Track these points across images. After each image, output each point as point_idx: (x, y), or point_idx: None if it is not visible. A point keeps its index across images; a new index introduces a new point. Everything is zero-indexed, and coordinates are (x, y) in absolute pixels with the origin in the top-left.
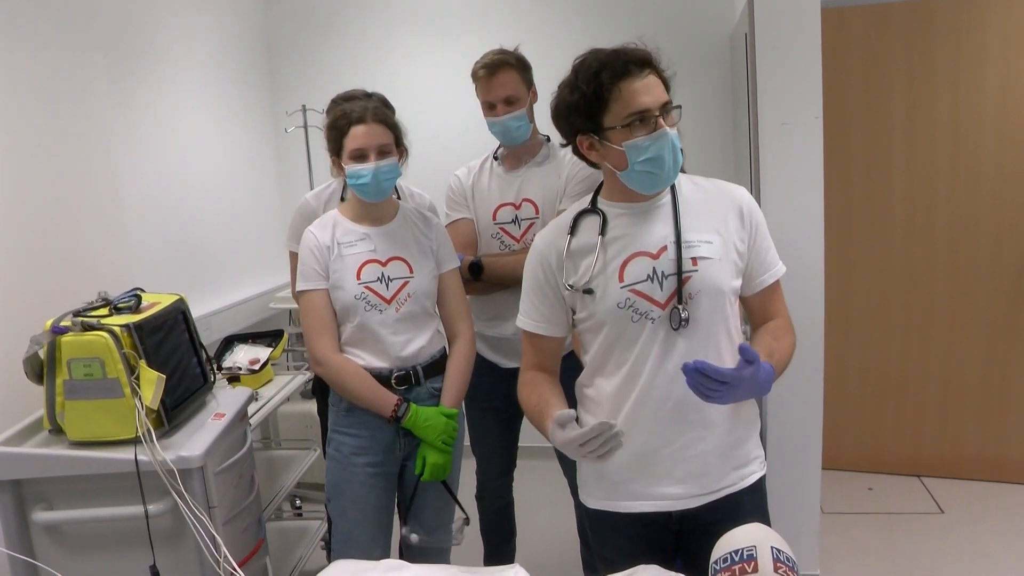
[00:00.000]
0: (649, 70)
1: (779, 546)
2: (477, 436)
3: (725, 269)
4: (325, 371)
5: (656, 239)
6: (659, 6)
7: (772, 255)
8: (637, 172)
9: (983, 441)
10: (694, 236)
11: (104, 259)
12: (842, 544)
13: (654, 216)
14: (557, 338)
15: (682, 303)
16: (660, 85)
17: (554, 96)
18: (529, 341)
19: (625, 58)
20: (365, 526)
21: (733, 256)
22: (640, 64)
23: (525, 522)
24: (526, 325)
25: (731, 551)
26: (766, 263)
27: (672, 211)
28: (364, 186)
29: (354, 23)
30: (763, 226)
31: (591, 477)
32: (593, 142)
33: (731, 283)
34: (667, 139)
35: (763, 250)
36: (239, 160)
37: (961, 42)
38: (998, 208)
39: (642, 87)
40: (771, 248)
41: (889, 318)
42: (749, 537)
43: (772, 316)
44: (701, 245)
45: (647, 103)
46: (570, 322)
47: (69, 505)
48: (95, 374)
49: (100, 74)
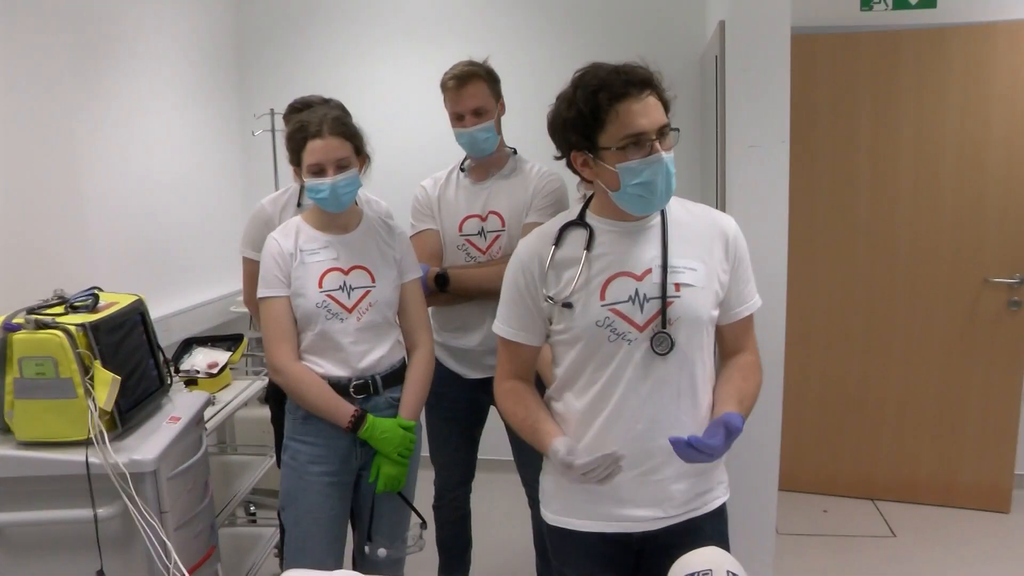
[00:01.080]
0: (649, 91)
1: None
2: (437, 446)
3: (706, 298)
4: (283, 380)
5: (642, 261)
6: (630, 25)
7: (751, 288)
8: (629, 194)
9: (936, 466)
10: (680, 262)
11: (63, 256)
12: (796, 565)
13: (642, 237)
14: (533, 347)
15: (666, 327)
16: (659, 107)
17: (551, 108)
18: (505, 348)
19: (625, 78)
20: (319, 536)
21: (715, 286)
22: (640, 85)
23: (481, 534)
24: (503, 332)
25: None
26: (743, 295)
27: (661, 234)
28: (323, 200)
29: (325, 28)
30: (746, 259)
31: (553, 493)
32: (587, 159)
33: (710, 312)
34: (662, 164)
35: (743, 281)
36: (205, 160)
37: (924, 71)
38: (956, 234)
39: (640, 109)
40: (751, 280)
41: (849, 341)
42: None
43: (742, 348)
44: (685, 272)
45: (643, 126)
46: (545, 332)
47: (15, 507)
48: (47, 373)
49: (64, 68)
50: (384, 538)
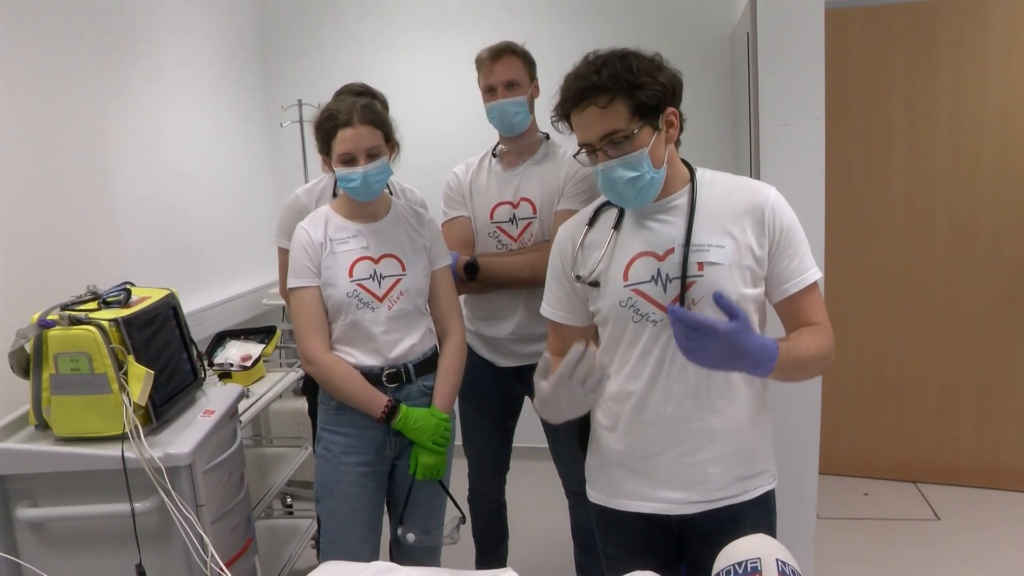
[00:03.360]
0: (588, 102)
1: (784, 559)
2: (470, 437)
3: (734, 276)
4: (315, 370)
5: (664, 240)
6: (658, 6)
7: (800, 261)
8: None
9: (980, 447)
10: (705, 239)
11: (95, 253)
12: (837, 550)
13: (668, 215)
14: (578, 327)
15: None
16: (602, 115)
17: None
18: (552, 329)
19: (567, 90)
20: (355, 526)
21: (748, 262)
22: (577, 97)
23: (518, 525)
24: (547, 313)
25: (735, 563)
26: (791, 271)
27: (688, 212)
28: (355, 189)
29: (350, 17)
30: (789, 231)
31: (595, 472)
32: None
33: (740, 290)
34: (607, 174)
35: (787, 257)
36: (233, 154)
37: (962, 43)
38: (998, 210)
39: (579, 121)
40: (798, 254)
41: (887, 321)
42: (754, 549)
43: (805, 324)
44: (711, 249)
45: (582, 138)
46: (588, 312)
47: (54, 502)
48: (82, 369)
49: (91, 66)
50: (417, 526)
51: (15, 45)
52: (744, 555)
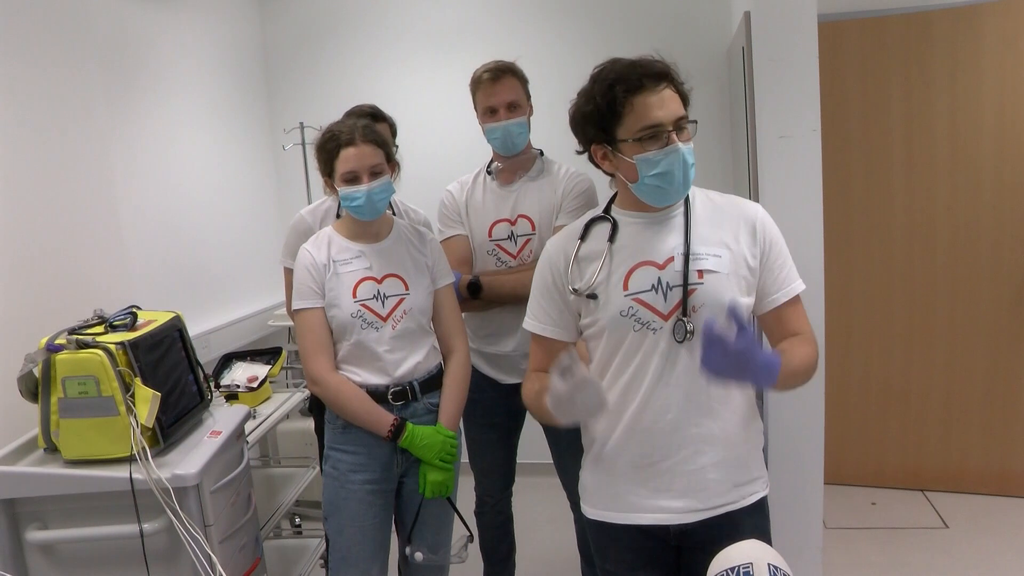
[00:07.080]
0: (665, 84)
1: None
2: (476, 452)
3: (732, 284)
4: (322, 391)
5: (664, 250)
6: (655, 20)
7: (787, 273)
8: (647, 185)
9: (987, 454)
10: (703, 249)
11: (101, 277)
12: (845, 560)
13: (665, 227)
14: (564, 342)
15: (686, 315)
16: (676, 99)
17: (572, 103)
18: (537, 343)
19: (641, 71)
20: (363, 544)
21: (743, 271)
22: (656, 78)
23: (524, 539)
24: (532, 327)
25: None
26: (779, 281)
27: (684, 223)
28: (359, 208)
29: (351, 40)
30: (778, 244)
31: (592, 487)
32: (606, 152)
33: (738, 298)
34: (678, 155)
35: (776, 268)
36: (237, 177)
37: (958, 52)
38: (998, 218)
39: (656, 101)
40: (786, 266)
41: (890, 330)
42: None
43: (790, 335)
44: (709, 258)
45: (660, 118)
46: (577, 327)
47: (64, 524)
48: (90, 392)
49: (97, 91)
50: (425, 544)
51: (24, 75)
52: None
